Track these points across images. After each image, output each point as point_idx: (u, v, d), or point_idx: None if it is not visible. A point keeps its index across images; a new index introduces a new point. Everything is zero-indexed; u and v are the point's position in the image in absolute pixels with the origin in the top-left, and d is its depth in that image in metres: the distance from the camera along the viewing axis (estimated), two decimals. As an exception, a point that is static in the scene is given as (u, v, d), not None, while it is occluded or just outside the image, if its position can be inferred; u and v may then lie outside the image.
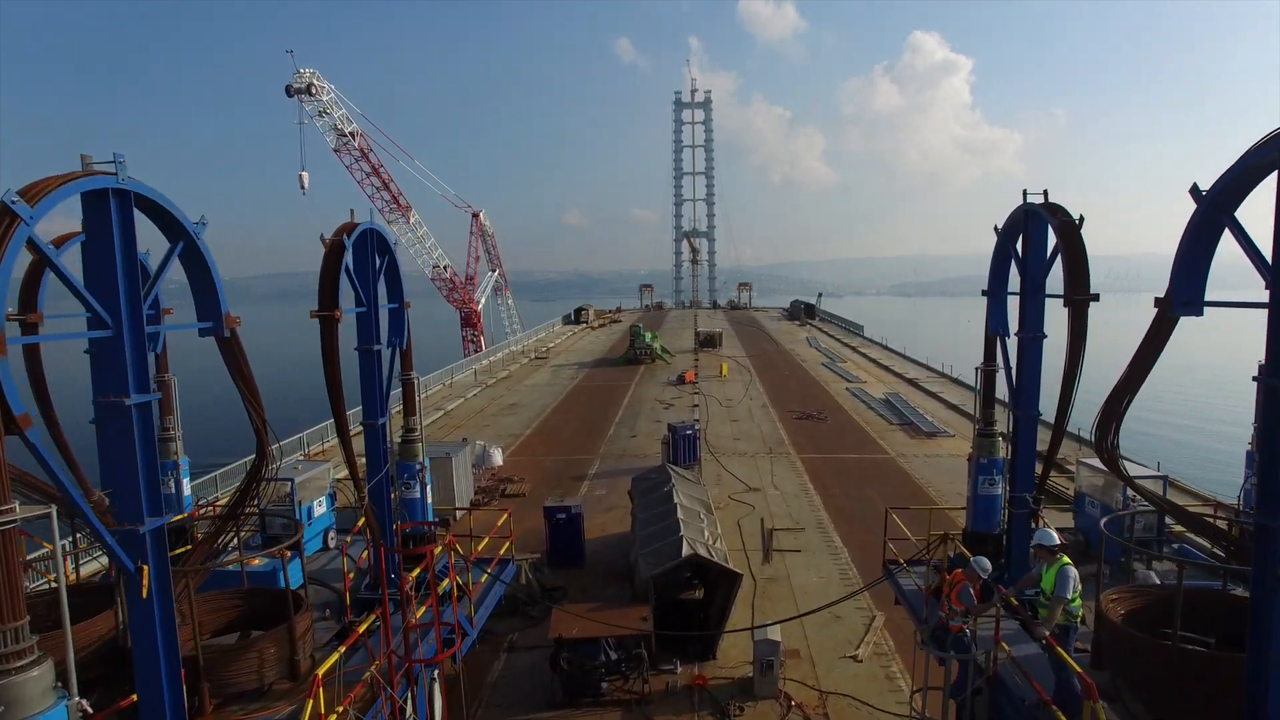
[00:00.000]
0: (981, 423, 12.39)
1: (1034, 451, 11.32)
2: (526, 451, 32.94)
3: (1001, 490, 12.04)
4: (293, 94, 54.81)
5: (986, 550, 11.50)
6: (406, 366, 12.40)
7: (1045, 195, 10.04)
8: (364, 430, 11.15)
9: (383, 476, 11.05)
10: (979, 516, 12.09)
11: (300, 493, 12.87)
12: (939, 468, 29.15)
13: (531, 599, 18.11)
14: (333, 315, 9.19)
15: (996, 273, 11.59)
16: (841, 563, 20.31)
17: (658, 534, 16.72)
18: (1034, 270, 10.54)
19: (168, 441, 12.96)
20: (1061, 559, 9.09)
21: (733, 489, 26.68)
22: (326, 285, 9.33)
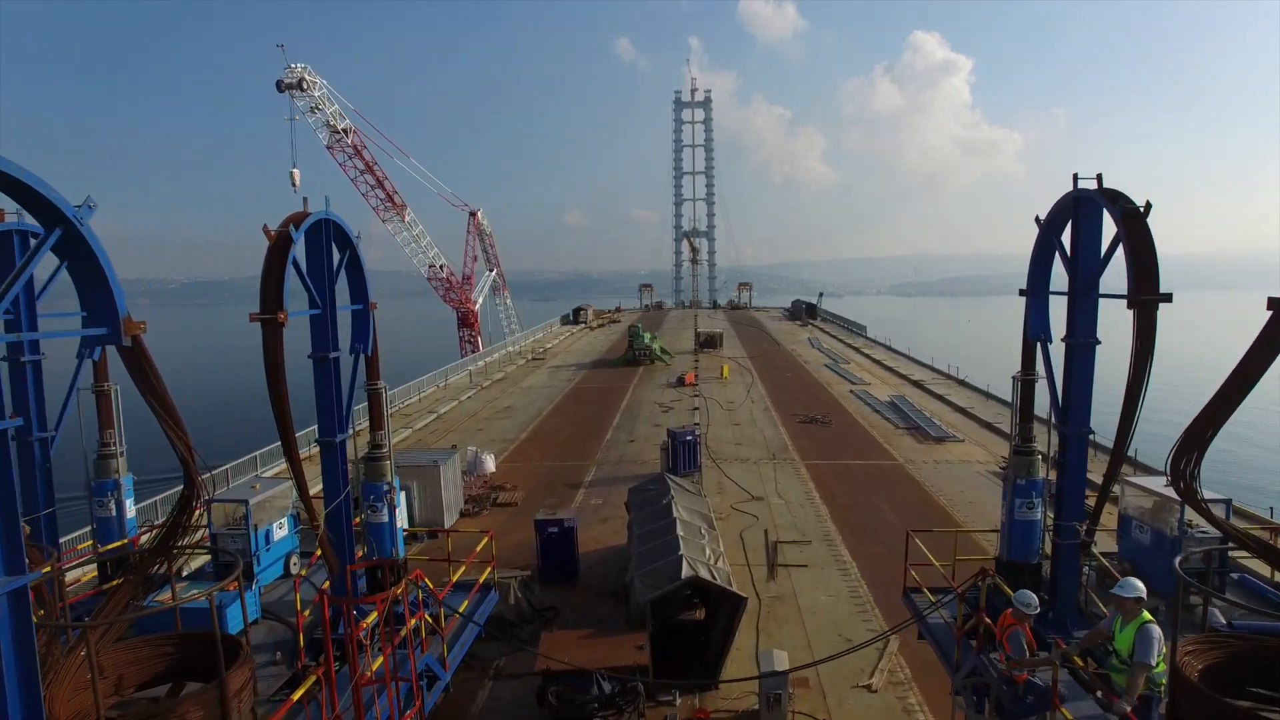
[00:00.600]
0: (1019, 439, 11.08)
1: (1084, 474, 10.03)
2: (521, 457, 31.76)
3: (1041, 515, 10.76)
4: (283, 89, 53.62)
5: (1023, 583, 10.28)
6: (373, 375, 11.16)
7: (1099, 180, 8.83)
8: (320, 448, 9.92)
9: (342, 501, 9.83)
10: (1015, 544, 10.79)
11: (257, 514, 11.66)
12: (949, 474, 27.99)
13: (521, 619, 16.94)
14: (275, 318, 8.00)
15: (1037, 270, 10.31)
16: (851, 579, 19.13)
17: (655, 552, 15.53)
18: (1086, 267, 9.30)
19: (108, 459, 11.81)
20: (1143, 615, 7.70)
21: (735, 498, 25.49)
22: (270, 284, 8.11)
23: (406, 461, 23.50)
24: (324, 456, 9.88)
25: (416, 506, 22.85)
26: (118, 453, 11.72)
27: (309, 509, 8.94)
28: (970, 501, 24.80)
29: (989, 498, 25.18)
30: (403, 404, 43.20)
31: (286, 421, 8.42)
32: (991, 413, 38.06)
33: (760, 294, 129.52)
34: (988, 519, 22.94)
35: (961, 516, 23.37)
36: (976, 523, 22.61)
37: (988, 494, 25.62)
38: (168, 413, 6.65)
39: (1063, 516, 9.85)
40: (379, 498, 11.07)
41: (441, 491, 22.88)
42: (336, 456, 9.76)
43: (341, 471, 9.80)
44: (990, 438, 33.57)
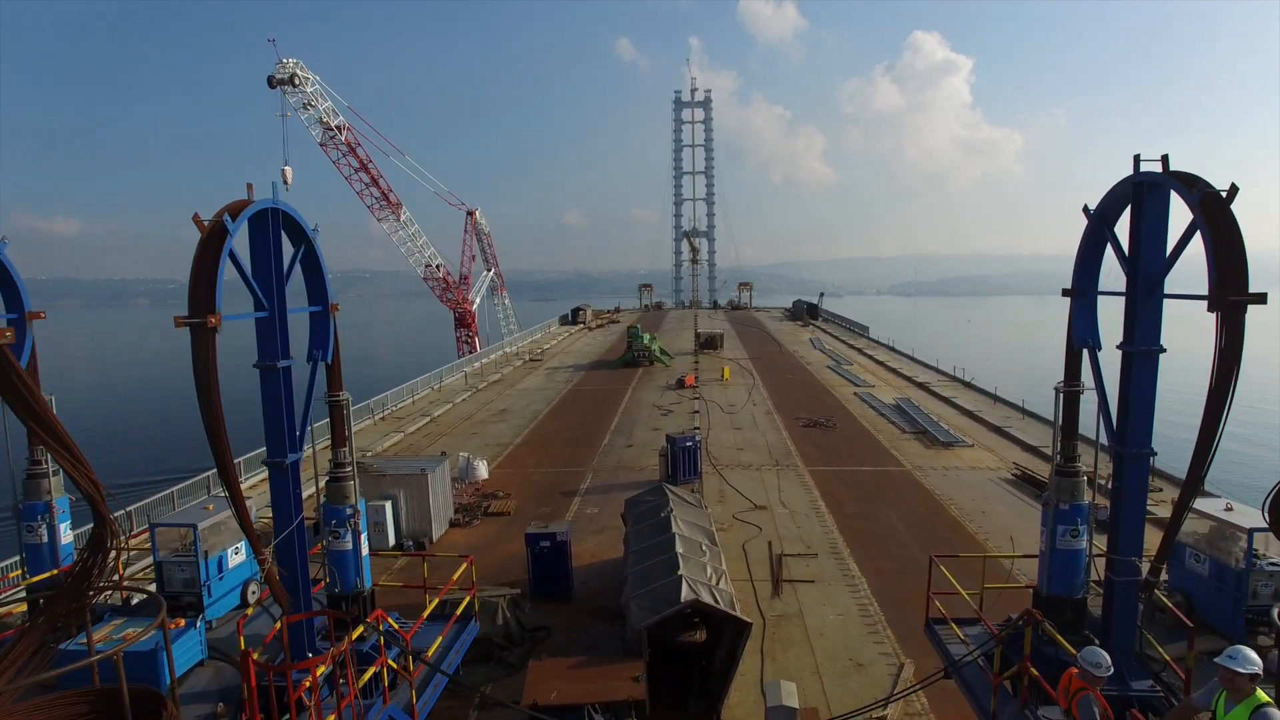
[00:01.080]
0: (1061, 458, 9.90)
1: (1144, 502, 8.77)
2: (515, 463, 30.67)
3: (1087, 545, 9.60)
4: (275, 85, 52.54)
5: (1065, 620, 9.19)
6: (335, 385, 10.02)
7: (1165, 161, 7.70)
8: (269, 471, 8.80)
9: (294, 530, 8.72)
10: (1056, 576, 9.60)
11: (208, 539, 10.56)
12: (960, 482, 26.91)
13: (510, 641, 15.87)
14: (205, 322, 6.91)
15: (1085, 267, 9.14)
16: (860, 596, 18.04)
17: (653, 572, 14.44)
18: (1150, 263, 8.10)
19: (38, 478, 10.70)
20: (1258, 695, 6.20)
21: (737, 507, 24.41)
22: (199, 282, 7.00)
23: (393, 469, 22.49)
24: (273, 480, 8.75)
25: (403, 517, 21.82)
26: (49, 471, 10.61)
27: (251, 540, 7.85)
28: (983, 511, 23.72)
29: (1001, 507, 24.16)
30: (396, 406, 42.17)
31: (221, 440, 7.34)
32: (1000, 416, 37.02)
33: (760, 294, 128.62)
34: (1001, 529, 21.92)
35: (974, 527, 22.30)
36: (990, 535, 21.59)
37: (1000, 502, 24.58)
38: (54, 437, 5.57)
39: (1119, 550, 8.66)
40: (342, 523, 9.94)
41: (429, 501, 21.83)
42: (288, 479, 8.64)
43: (294, 496, 8.70)
44: (1000, 442, 32.52)
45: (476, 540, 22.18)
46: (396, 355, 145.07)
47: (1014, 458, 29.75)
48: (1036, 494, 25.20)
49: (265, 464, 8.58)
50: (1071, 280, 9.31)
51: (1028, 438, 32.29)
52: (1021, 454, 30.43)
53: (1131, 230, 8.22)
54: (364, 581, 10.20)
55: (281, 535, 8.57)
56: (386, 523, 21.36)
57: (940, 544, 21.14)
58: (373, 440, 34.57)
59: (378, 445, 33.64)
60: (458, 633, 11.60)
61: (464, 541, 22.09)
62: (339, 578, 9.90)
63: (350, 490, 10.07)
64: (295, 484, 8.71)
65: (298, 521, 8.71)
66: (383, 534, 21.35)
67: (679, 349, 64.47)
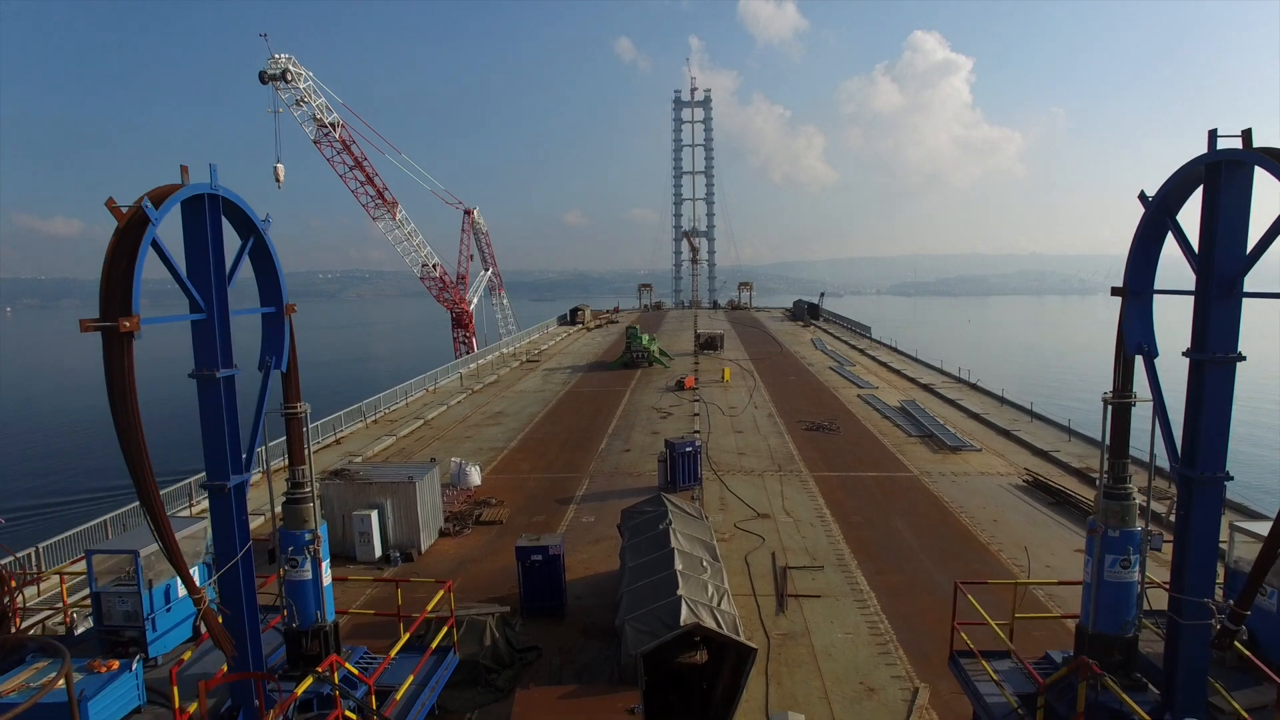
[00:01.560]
0: (1110, 478, 8.81)
1: (1216, 532, 7.65)
2: (509, 469, 29.71)
3: (1139, 577, 8.52)
4: (267, 80, 51.57)
5: (1113, 661, 8.16)
6: (292, 396, 9.03)
7: (1247, 137, 6.71)
8: (209, 495, 7.78)
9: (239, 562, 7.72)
10: (1104, 613, 8.47)
11: (153, 567, 9.52)
12: (969, 488, 25.95)
13: (498, 663, 14.89)
14: (117, 326, 5.91)
15: (1140, 262, 8.05)
16: (870, 612, 17.07)
17: (650, 591, 13.49)
18: (1226, 257, 7.01)
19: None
20: None
21: (738, 515, 23.45)
22: (112, 280, 6.01)
23: (379, 477, 21.56)
24: (213, 506, 7.72)
25: (390, 527, 20.89)
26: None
27: (182, 575, 6.84)
28: (994, 520, 22.76)
29: (1014, 515, 23.20)
30: (389, 409, 41.23)
31: (139, 460, 6.35)
32: (1007, 419, 36.07)
33: (760, 294, 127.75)
34: (1014, 540, 20.98)
35: (986, 537, 21.35)
36: (1004, 546, 20.65)
37: (1012, 510, 23.62)
38: None
39: (1187, 589, 7.59)
40: (300, 550, 8.95)
41: (418, 510, 20.90)
42: (230, 505, 7.63)
43: (239, 524, 7.70)
44: (1009, 446, 31.57)
45: (467, 551, 21.25)
46: (395, 356, 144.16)
47: (1024, 463, 28.79)
48: (1050, 501, 24.26)
49: (206, 487, 7.59)
50: (1123, 277, 8.24)
51: (1037, 442, 31.34)
52: (1032, 459, 29.48)
53: (1203, 219, 7.16)
54: (325, 614, 9.20)
55: (224, 569, 7.59)
56: (373, 533, 20.46)
57: (951, 555, 20.24)
58: (364, 444, 33.62)
59: (368, 449, 32.69)
60: (434, 666, 10.61)
61: (454, 552, 21.17)
62: (297, 611, 8.93)
63: (309, 513, 9.06)
64: (240, 510, 7.71)
65: (243, 552, 7.73)
66: (369, 544, 20.47)
67: (678, 350, 63.53)
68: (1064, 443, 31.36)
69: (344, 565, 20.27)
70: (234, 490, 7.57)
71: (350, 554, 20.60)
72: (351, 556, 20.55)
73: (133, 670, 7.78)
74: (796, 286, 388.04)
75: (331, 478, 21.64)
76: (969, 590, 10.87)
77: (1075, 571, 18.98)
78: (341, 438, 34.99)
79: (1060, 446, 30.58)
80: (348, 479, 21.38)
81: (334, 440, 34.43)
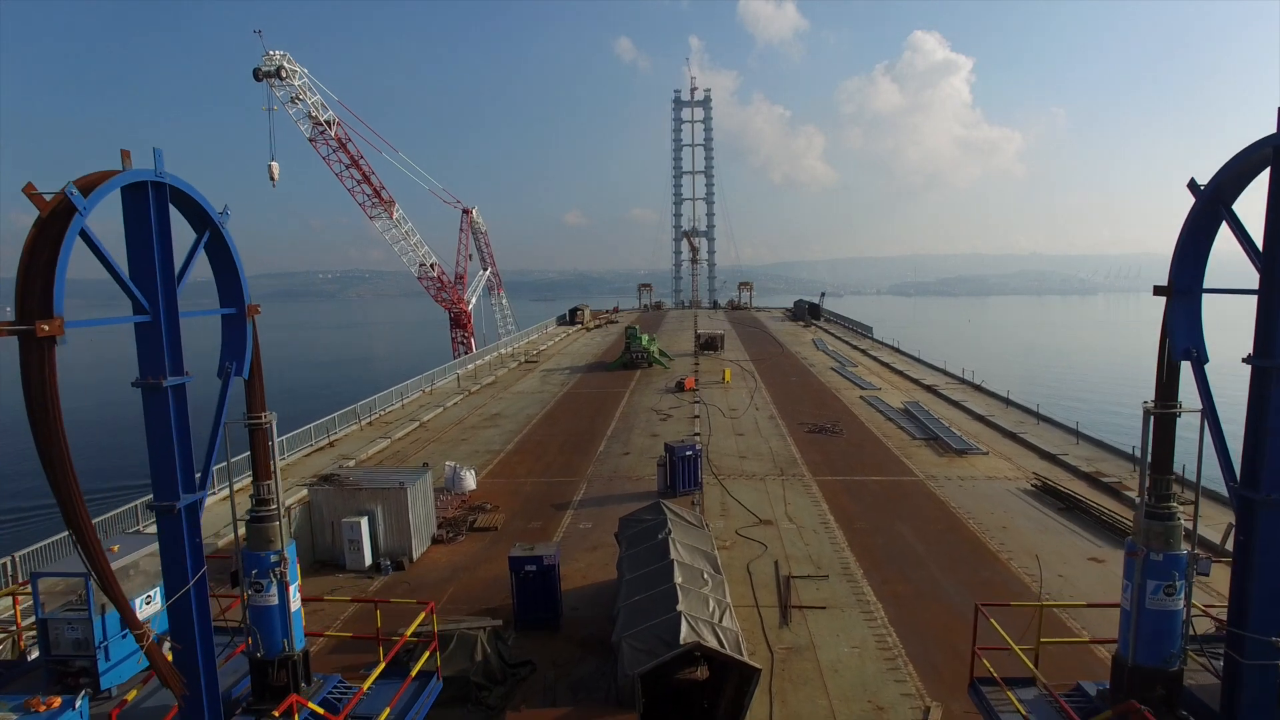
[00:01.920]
0: (1153, 497, 8.06)
1: None
2: (505, 472, 29.05)
3: (1184, 605, 7.79)
4: (261, 77, 50.92)
5: (1156, 696, 7.47)
6: (255, 405, 8.33)
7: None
8: (157, 517, 7.07)
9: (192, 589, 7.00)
10: (1146, 642, 7.68)
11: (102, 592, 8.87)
12: (976, 493, 25.29)
13: (490, 680, 14.23)
14: (34, 330, 5.21)
15: (1189, 258, 7.31)
16: (877, 624, 16.41)
17: (649, 606, 12.85)
18: None
19: None
20: None
21: (740, 522, 22.79)
22: (30, 277, 5.21)
23: (370, 482, 20.93)
24: (161, 529, 6.97)
25: (381, 534, 20.24)
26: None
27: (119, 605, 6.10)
28: (1003, 526, 22.10)
29: (1023, 521, 22.55)
30: (384, 410, 40.57)
31: (64, 476, 5.64)
32: (1013, 421, 35.41)
33: (760, 294, 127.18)
34: (1025, 547, 20.33)
35: (996, 545, 20.69)
36: (1014, 554, 19.99)
37: (1021, 516, 22.97)
38: None
39: (1249, 624, 6.88)
40: (265, 573, 8.25)
41: (409, 517, 20.25)
42: (180, 528, 6.91)
43: (190, 548, 6.99)
44: (1016, 449, 30.91)
45: (460, 559, 20.60)
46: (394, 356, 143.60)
47: (1032, 466, 28.14)
48: (1060, 507, 23.61)
49: (154, 508, 6.88)
50: (1169, 274, 7.51)
51: (1045, 445, 30.68)
52: (1039, 462, 28.82)
53: (1270, 208, 6.45)
54: (293, 642, 8.51)
55: (173, 598, 6.90)
56: (362, 540, 19.82)
57: (960, 564, 19.59)
58: (358, 447, 32.96)
59: (362, 452, 32.03)
60: (415, 693, 9.93)
61: (446, 560, 20.51)
62: (261, 639, 8.26)
63: (275, 533, 8.35)
64: (192, 533, 7.00)
65: (195, 579, 7.04)
66: (359, 553, 19.83)
67: (678, 350, 62.90)
68: (1072, 445, 30.71)
69: (333, 574, 19.66)
70: (184, 511, 6.86)
71: (339, 562, 19.97)
72: (341, 565, 19.91)
73: (76, 709, 7.10)
74: (796, 286, 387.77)
75: (320, 483, 21.00)
76: (990, 612, 10.13)
77: (1089, 582, 18.38)
78: (335, 440, 34.33)
79: (1069, 450, 29.93)
80: (337, 484, 20.75)
81: (327, 443, 33.76)
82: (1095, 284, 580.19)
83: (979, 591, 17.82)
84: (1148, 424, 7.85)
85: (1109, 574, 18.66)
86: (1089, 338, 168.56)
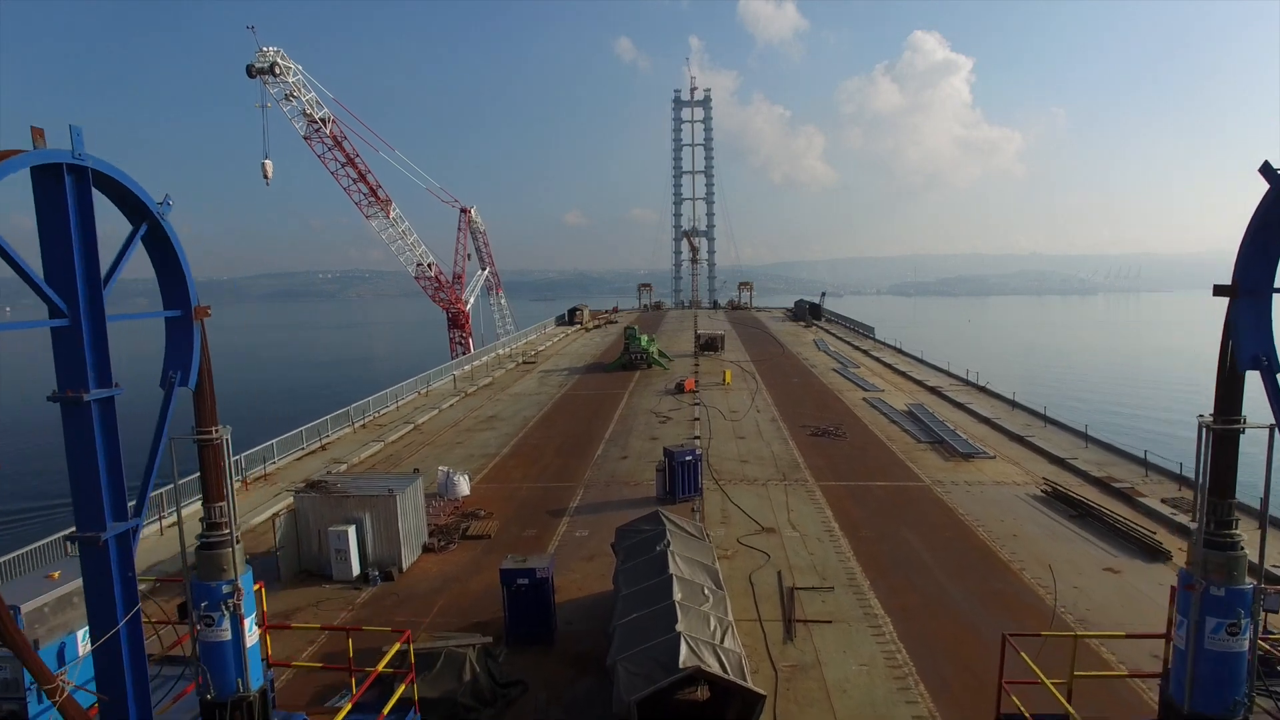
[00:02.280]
0: (1212, 522, 7.18)
1: None
2: (500, 477, 28.32)
3: (1249, 646, 6.95)
4: (254, 75, 50.16)
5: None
6: (205, 419, 7.49)
7: None
8: (79, 549, 6.20)
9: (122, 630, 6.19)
10: (1204, 689, 6.71)
11: (46, 622, 8.04)
12: (984, 499, 24.56)
13: (479, 701, 13.50)
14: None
15: (1257, 255, 6.45)
16: (885, 640, 15.66)
17: (646, 625, 12.12)
18: None
19: None
20: None
21: (742, 529, 22.06)
22: None
23: (357, 489, 20.19)
24: (85, 563, 6.11)
25: (370, 543, 19.52)
26: None
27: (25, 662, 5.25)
28: (1014, 534, 21.36)
29: (1034, 528, 21.81)
30: (378, 413, 39.86)
31: None
32: (1019, 424, 34.68)
33: (760, 294, 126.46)
34: (1037, 557, 19.59)
35: (1007, 554, 19.96)
36: (1026, 564, 19.26)
37: (1031, 523, 22.24)
38: None
39: None
40: (216, 605, 7.47)
41: (399, 525, 19.51)
42: (107, 561, 6.06)
43: (120, 581, 6.19)
44: (1023, 453, 30.17)
45: (451, 568, 19.87)
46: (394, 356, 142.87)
47: (1040, 471, 27.41)
48: (1071, 514, 22.87)
49: (69, 539, 6.13)
50: (1233, 273, 6.70)
51: (1053, 448, 29.94)
52: (1048, 466, 28.09)
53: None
54: (248, 682, 7.73)
55: (99, 643, 6.11)
56: (350, 550, 19.09)
57: (969, 573, 18.86)
58: (350, 450, 32.26)
59: (354, 456, 31.33)
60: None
61: (437, 570, 19.78)
62: (212, 679, 7.47)
63: (228, 560, 7.54)
64: (123, 566, 6.20)
65: (127, 619, 6.25)
66: (346, 563, 19.10)
67: (678, 351, 62.18)
68: (1081, 449, 29.98)
69: (319, 584, 18.93)
70: (113, 543, 6.08)
71: (326, 572, 19.24)
72: (327, 575, 19.17)
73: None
74: (796, 286, 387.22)
75: (307, 490, 20.28)
76: (1018, 642, 9.38)
77: (1106, 594, 17.62)
78: (327, 443, 33.63)
79: (1078, 453, 29.21)
80: (324, 491, 20.01)
81: (319, 446, 33.06)
82: (1095, 284, 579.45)
83: (991, 604, 17.11)
84: (1205, 440, 7.02)
85: (1126, 586, 17.95)
86: (1089, 338, 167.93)
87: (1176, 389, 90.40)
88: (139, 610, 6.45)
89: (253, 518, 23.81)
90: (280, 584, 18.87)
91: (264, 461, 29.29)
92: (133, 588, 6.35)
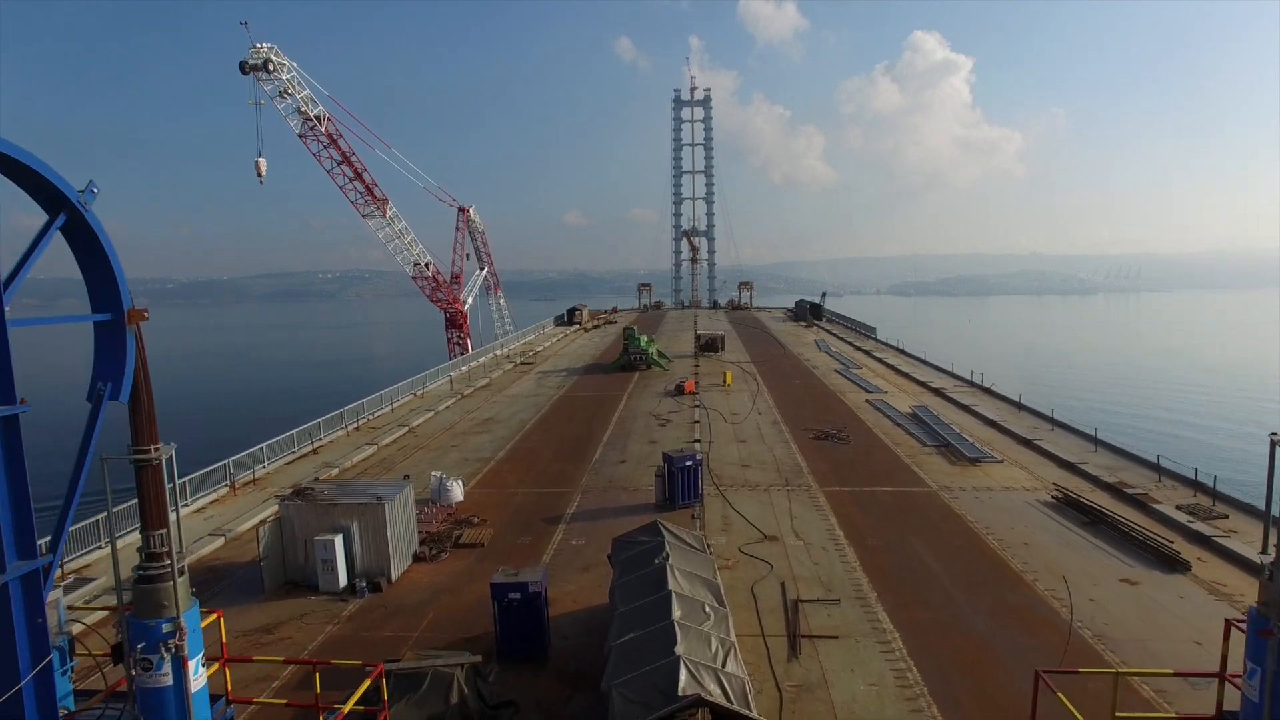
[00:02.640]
0: None
1: None
2: (495, 482, 27.59)
3: None
4: (248, 71, 49.43)
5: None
6: (144, 435, 6.67)
7: None
8: None
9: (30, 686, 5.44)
10: None
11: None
12: (993, 505, 23.83)
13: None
14: None
15: None
16: (895, 657, 14.93)
17: (643, 646, 11.40)
18: None
19: None
20: None
21: (743, 538, 21.33)
22: None
23: (345, 497, 19.47)
24: None
25: (357, 553, 18.80)
26: None
27: None
28: (1025, 543, 20.64)
29: (1046, 537, 21.09)
30: (372, 415, 39.13)
31: None
32: (1026, 427, 33.94)
33: (760, 293, 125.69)
34: (1050, 567, 18.86)
35: (1019, 564, 19.23)
36: (1039, 575, 18.53)
37: (1043, 531, 21.50)
38: None
39: None
40: (154, 646, 6.67)
41: (388, 534, 18.80)
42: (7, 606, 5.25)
43: (28, 630, 5.37)
44: (1032, 457, 29.44)
45: (442, 579, 19.15)
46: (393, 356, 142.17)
47: (1050, 476, 26.68)
48: (1083, 521, 22.15)
49: None
50: None
51: (1062, 452, 29.21)
52: (1058, 471, 27.37)
53: None
54: (193, 732, 6.99)
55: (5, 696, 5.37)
56: (336, 560, 18.38)
57: (981, 585, 18.14)
58: (342, 453, 31.54)
59: (347, 459, 30.61)
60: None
61: (427, 580, 19.06)
62: (156, 726, 6.74)
63: (168, 595, 6.74)
64: (31, 609, 5.45)
65: (36, 671, 5.53)
66: (332, 574, 18.39)
67: (678, 351, 61.45)
68: (1090, 453, 29.26)
69: (305, 595, 18.22)
70: (15, 585, 5.29)
71: (312, 583, 18.52)
72: (313, 586, 18.46)
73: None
74: (796, 286, 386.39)
75: (292, 497, 19.56)
76: (1052, 679, 8.66)
77: (1124, 607, 16.86)
78: (319, 447, 32.92)
79: (1088, 458, 28.48)
80: (310, 499, 19.29)
81: (311, 450, 32.35)
82: (1095, 284, 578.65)
83: (1004, 618, 16.39)
84: (1276, 458, 6.18)
85: (1144, 598, 17.23)
86: (1089, 338, 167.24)
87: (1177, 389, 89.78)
88: (50, 659, 5.70)
89: (239, 525, 23.10)
90: (264, 596, 18.17)
91: (254, 466, 28.57)
92: (42, 635, 5.60)
